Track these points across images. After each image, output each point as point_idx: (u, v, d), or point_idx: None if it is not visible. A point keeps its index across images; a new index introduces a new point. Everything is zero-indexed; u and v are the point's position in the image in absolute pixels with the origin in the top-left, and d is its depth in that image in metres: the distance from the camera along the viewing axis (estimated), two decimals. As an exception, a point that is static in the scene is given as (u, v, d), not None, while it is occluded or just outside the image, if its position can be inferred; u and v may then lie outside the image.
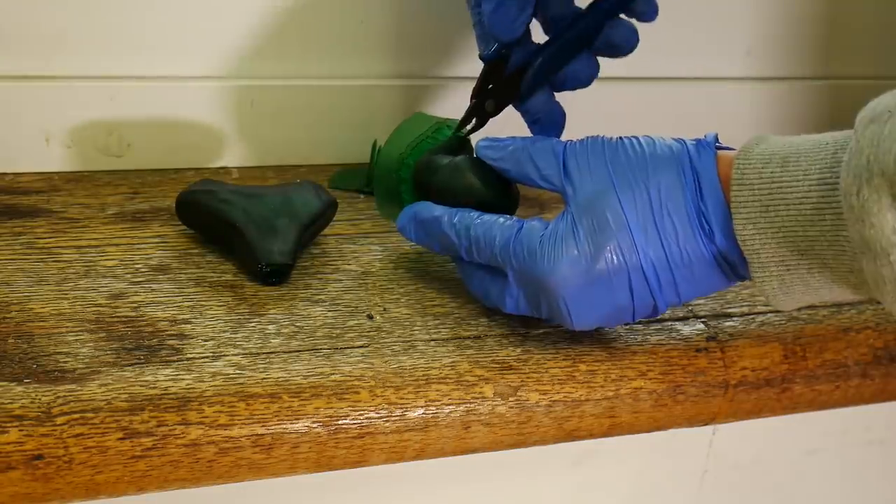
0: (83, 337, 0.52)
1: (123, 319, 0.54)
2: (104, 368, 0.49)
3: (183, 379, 0.49)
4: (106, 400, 0.47)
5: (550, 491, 0.65)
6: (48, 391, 0.47)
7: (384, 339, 0.55)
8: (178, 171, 0.73)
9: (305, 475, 0.51)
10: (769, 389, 0.58)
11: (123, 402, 0.47)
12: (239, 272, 0.60)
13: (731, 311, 0.62)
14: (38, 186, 0.68)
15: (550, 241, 0.52)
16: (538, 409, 0.53)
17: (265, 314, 0.56)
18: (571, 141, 0.55)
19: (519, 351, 0.55)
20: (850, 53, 0.91)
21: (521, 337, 0.56)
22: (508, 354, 0.55)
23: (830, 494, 0.75)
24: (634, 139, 0.54)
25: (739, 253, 0.51)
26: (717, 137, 0.53)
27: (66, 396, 0.47)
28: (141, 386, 0.48)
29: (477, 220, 0.55)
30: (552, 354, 0.55)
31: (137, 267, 0.59)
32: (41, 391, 0.47)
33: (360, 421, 0.50)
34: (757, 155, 0.50)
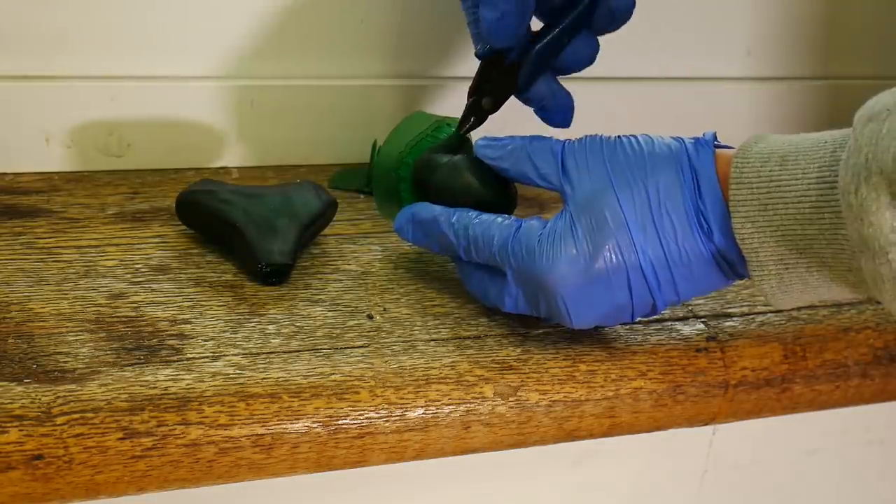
0: (83, 337, 0.52)
1: (123, 319, 0.54)
2: (104, 368, 0.49)
3: (183, 379, 0.49)
4: (106, 400, 0.47)
5: (550, 491, 0.65)
6: (48, 391, 0.47)
7: (384, 339, 0.55)
8: (178, 171, 0.73)
9: (305, 475, 0.51)
10: (769, 389, 0.58)
11: (123, 402, 0.47)
12: (239, 272, 0.60)
13: (731, 311, 0.62)
14: (38, 186, 0.68)
15: (549, 239, 0.52)
16: (538, 409, 0.53)
17: (265, 314, 0.56)
18: (570, 140, 0.55)
19: (519, 351, 0.55)
20: (849, 54, 0.91)
21: (521, 337, 0.56)
22: (508, 354, 0.55)
23: (830, 494, 0.75)
24: (633, 138, 0.54)
25: (738, 251, 0.51)
26: (715, 136, 0.53)
27: (66, 396, 0.47)
28: (141, 386, 0.48)
29: (475, 219, 0.55)
30: (552, 354, 0.55)
31: (137, 267, 0.59)
32: (41, 391, 0.47)
33: (360, 421, 0.50)
34: (756, 153, 0.50)
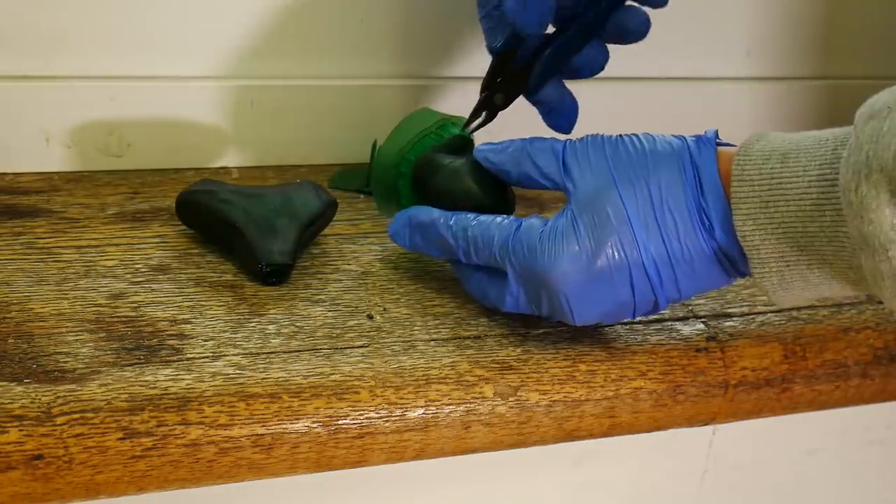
0: (83, 337, 0.52)
1: (123, 319, 0.54)
2: (104, 368, 0.49)
3: (183, 379, 0.49)
4: (106, 400, 0.47)
5: (550, 491, 0.65)
6: (48, 391, 0.47)
7: (384, 339, 0.55)
8: (178, 171, 0.73)
9: (305, 475, 0.51)
10: (769, 389, 0.58)
11: (123, 402, 0.47)
12: (239, 272, 0.60)
13: (731, 311, 0.61)
14: (38, 186, 0.68)
15: (550, 237, 0.52)
16: (538, 409, 0.53)
17: (265, 314, 0.56)
18: (570, 140, 0.55)
19: (519, 351, 0.55)
20: (848, 54, 0.91)
21: (521, 337, 0.56)
22: (508, 354, 0.55)
23: (830, 494, 0.74)
24: (635, 136, 0.54)
25: (739, 249, 0.51)
26: (717, 134, 0.53)
27: (66, 396, 0.47)
28: (141, 386, 0.48)
29: (474, 221, 0.55)
30: (552, 354, 0.55)
31: (137, 267, 0.59)
32: (41, 391, 0.47)
33: (360, 421, 0.50)
34: (757, 151, 0.50)
